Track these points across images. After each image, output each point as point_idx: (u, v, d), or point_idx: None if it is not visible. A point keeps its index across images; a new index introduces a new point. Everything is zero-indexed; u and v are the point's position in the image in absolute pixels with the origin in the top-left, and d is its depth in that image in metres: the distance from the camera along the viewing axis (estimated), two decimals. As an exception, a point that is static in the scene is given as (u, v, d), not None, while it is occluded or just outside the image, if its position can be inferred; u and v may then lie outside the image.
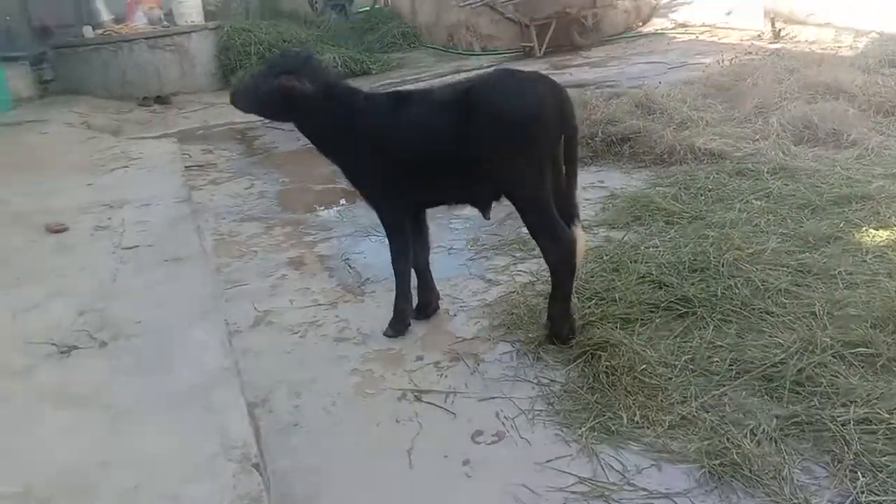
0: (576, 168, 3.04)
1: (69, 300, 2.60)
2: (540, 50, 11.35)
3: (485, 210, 3.10)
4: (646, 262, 3.60)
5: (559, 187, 2.92)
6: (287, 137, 8.16)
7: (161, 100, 10.76)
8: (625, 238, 4.05)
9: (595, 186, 5.09)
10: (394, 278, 3.31)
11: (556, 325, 3.03)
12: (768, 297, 3.16)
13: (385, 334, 3.33)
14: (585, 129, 5.73)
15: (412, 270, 3.36)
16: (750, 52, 8.59)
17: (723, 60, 8.13)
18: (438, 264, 3.73)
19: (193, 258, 2.96)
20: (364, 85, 8.21)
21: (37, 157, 5.81)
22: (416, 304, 3.44)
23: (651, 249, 3.75)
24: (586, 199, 4.80)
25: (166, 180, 4.28)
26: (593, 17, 11.53)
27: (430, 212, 3.45)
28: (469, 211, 4.00)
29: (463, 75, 10.86)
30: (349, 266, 4.19)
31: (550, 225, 2.86)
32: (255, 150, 7.84)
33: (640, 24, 12.74)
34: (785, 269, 3.38)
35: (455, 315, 3.49)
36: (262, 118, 3.37)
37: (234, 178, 6.28)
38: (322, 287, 3.96)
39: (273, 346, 3.31)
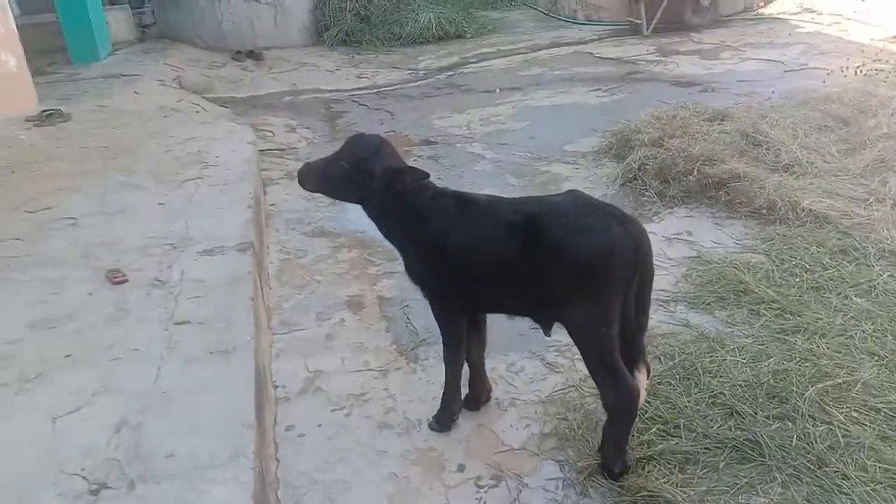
0: (647, 312, 2.77)
1: (112, 404, 2.57)
2: (648, 28, 10.63)
3: (546, 328, 2.88)
4: (721, 375, 3.31)
5: (626, 326, 2.66)
6: (370, 119, 8.03)
7: (254, 55, 10.71)
8: (703, 326, 3.75)
9: (681, 240, 4.73)
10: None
11: (608, 460, 2.83)
12: (848, 455, 2.84)
13: (430, 427, 3.21)
14: (681, 164, 5.33)
15: (465, 362, 3.20)
16: (879, 60, 7.77)
17: (847, 69, 7.41)
18: (497, 332, 3.53)
19: (241, 350, 2.87)
20: (455, 52, 7.91)
21: (121, 143, 5.86)
22: (465, 396, 3.29)
23: (730, 356, 3.44)
24: (669, 259, 4.49)
25: (234, 210, 4.19)
26: (710, -5, 10.65)
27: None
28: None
29: (558, 51, 10.38)
30: (407, 319, 4.06)
31: (610, 369, 2.62)
32: (336, 132, 7.73)
33: (762, 3, 11.72)
34: (874, 414, 3.03)
35: (506, 410, 3.32)
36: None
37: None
38: (376, 345, 3.85)
39: (316, 427, 3.23)
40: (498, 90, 8.65)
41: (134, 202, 4.44)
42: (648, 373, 2.83)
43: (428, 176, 2.95)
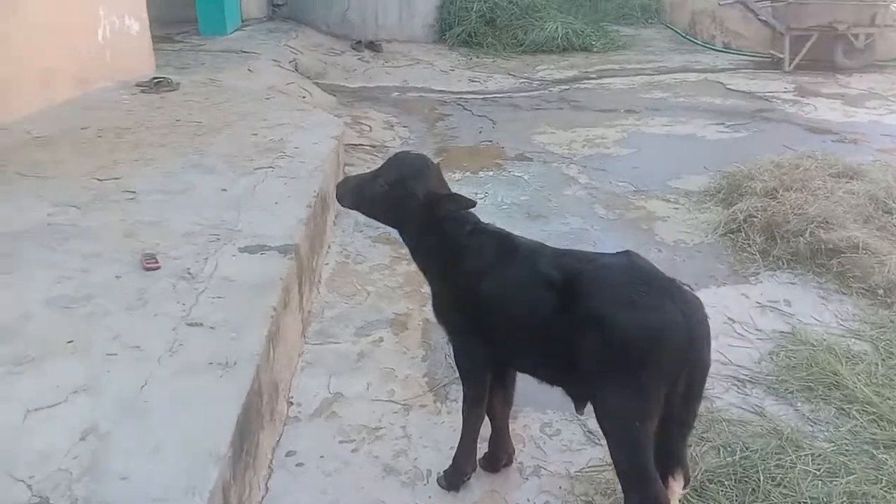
0: (694, 412, 2.33)
1: (89, 405, 2.40)
2: (790, 64, 9.77)
3: (578, 405, 2.48)
4: (785, 486, 2.79)
5: (666, 427, 2.23)
6: (470, 126, 7.75)
7: (373, 46, 10.68)
8: (779, 419, 3.22)
9: (776, 309, 4.16)
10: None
11: (624, 568, 2.41)
12: None
13: (438, 482, 2.88)
14: (793, 222, 4.73)
15: (486, 420, 2.85)
16: None
17: None
18: (538, 384, 3.15)
19: (242, 366, 2.65)
20: (576, 65, 7.53)
21: (213, 119, 5.85)
22: (484, 454, 2.94)
23: (802, 463, 2.91)
24: (757, 330, 3.94)
25: (292, 206, 4.01)
26: (867, 36, 9.64)
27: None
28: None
29: (686, 77, 9.70)
30: (446, 353, 3.74)
31: (639, 471, 2.20)
32: (434, 134, 7.51)
33: (929, 51, 10.54)
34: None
35: (527, 479, 2.94)
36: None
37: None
38: (407, 374, 3.55)
39: (318, 458, 2.98)
40: (623, 111, 8.14)
41: (198, 184, 4.34)
42: (686, 482, 2.38)
43: (474, 205, 2.61)
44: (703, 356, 2.22)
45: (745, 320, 4.03)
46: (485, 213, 5.71)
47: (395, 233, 5.04)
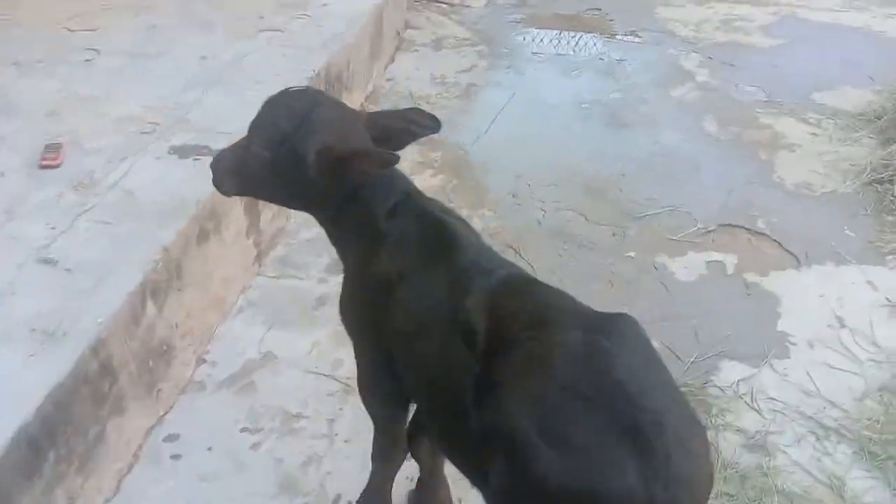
0: None
1: None
2: None
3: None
4: None
5: None
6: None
7: None
8: (858, 497, 2.19)
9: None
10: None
11: None
12: None
13: (348, 512, 2.12)
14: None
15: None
16: None
17: None
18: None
19: (72, 339, 1.93)
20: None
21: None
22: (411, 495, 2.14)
23: None
24: (875, 346, 2.78)
25: (280, 86, 3.11)
26: None
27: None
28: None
29: None
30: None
31: None
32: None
33: None
34: None
35: (461, 532, 2.13)
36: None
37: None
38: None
39: (203, 452, 2.28)
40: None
41: (179, 47, 3.50)
42: None
43: (395, 161, 1.63)
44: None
45: (861, 326, 2.85)
46: (557, 112, 4.69)
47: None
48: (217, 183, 1.78)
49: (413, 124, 1.71)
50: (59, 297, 2.05)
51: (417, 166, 3.75)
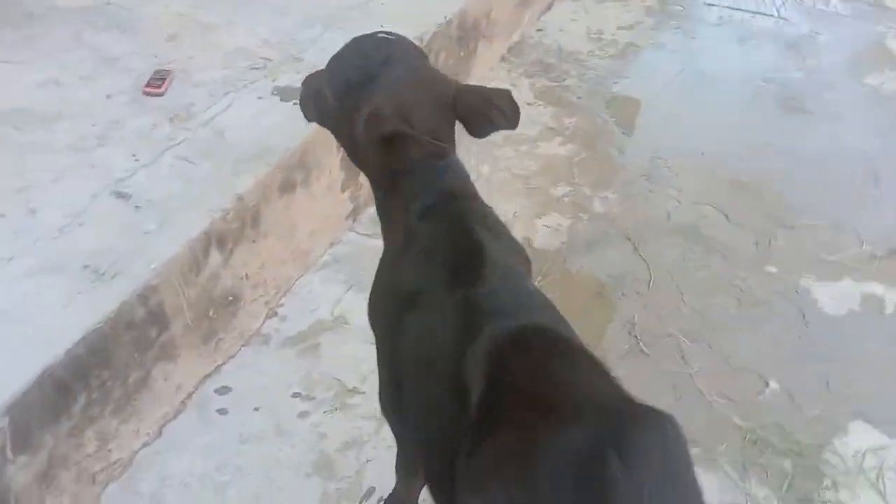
0: None
1: None
2: None
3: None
4: None
5: None
6: None
7: None
8: None
9: None
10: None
11: None
12: None
13: (373, 514, 1.97)
14: None
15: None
16: None
17: None
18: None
19: (123, 283, 1.88)
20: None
21: None
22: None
23: None
24: None
25: (413, 28, 2.88)
26: None
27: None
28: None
29: None
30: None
31: None
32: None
33: None
34: None
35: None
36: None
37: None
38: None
39: (249, 414, 2.20)
40: None
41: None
42: None
43: (443, 154, 1.37)
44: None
45: None
46: (722, 86, 4.06)
47: (564, 91, 3.75)
48: (302, 106, 1.60)
49: (496, 110, 1.43)
50: (120, 234, 1.99)
51: (546, 132, 3.43)
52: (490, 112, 1.42)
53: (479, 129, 1.43)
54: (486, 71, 3.74)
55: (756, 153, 3.34)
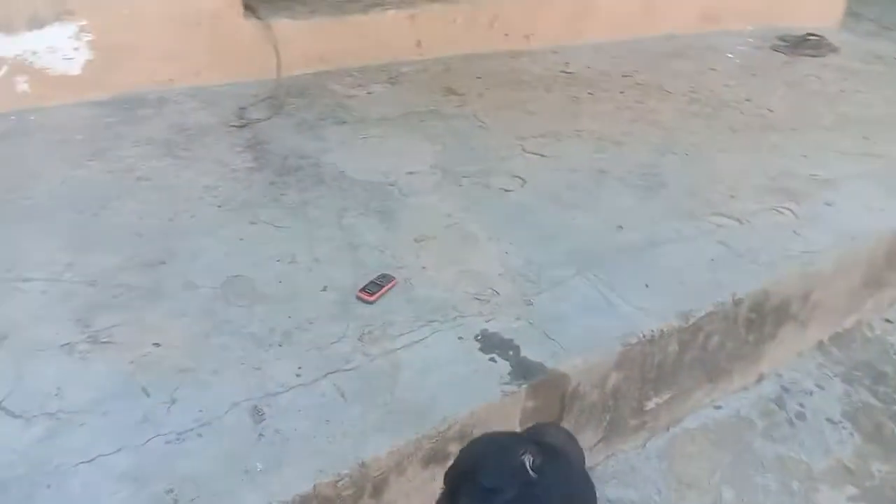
0: None
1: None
2: None
3: None
4: None
5: None
6: None
7: None
8: None
9: None
10: None
11: None
12: None
13: None
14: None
15: None
16: None
17: None
18: None
19: None
20: None
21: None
22: None
23: None
24: None
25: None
26: None
27: None
28: None
29: None
30: None
31: None
32: None
33: None
34: None
35: None
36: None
37: None
38: None
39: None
40: None
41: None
42: None
43: None
44: None
45: None
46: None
47: (890, 420, 2.88)
48: None
49: None
50: (224, 462, 1.80)
51: (836, 471, 2.53)
52: None
53: None
54: (790, 356, 2.96)
55: None
